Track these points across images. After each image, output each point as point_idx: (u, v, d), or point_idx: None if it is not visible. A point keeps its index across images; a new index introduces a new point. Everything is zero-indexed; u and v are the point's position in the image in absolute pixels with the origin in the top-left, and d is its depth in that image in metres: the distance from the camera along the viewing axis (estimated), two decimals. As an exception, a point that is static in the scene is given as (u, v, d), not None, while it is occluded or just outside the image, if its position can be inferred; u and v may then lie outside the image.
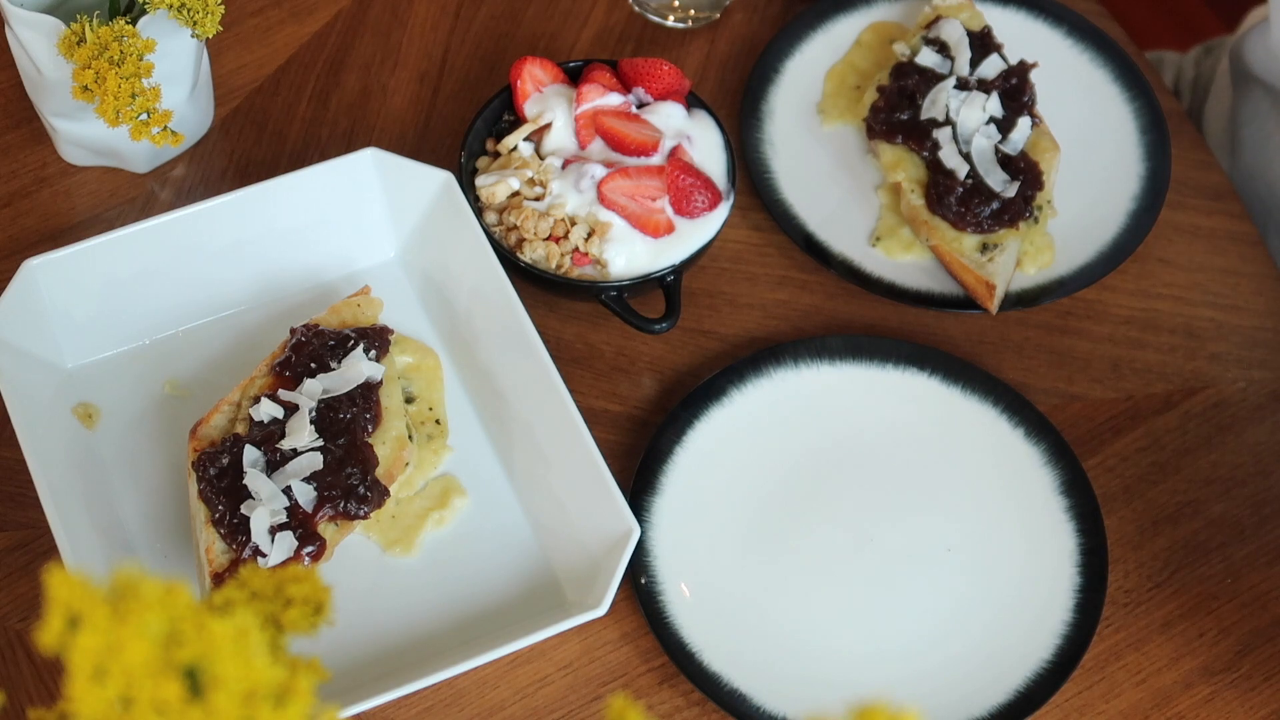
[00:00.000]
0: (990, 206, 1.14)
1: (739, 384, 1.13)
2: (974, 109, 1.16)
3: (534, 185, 1.14)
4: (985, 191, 1.14)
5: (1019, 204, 1.14)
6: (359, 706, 0.95)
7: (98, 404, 1.10)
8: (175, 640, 0.52)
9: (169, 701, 0.52)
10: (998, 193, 1.14)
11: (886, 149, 1.18)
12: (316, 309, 1.12)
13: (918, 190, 1.16)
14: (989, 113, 1.17)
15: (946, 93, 1.17)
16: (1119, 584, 1.09)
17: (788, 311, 1.19)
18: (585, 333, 1.17)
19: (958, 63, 1.19)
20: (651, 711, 1.03)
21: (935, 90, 1.18)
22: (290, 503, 0.98)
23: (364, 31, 1.30)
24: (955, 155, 1.15)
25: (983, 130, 1.16)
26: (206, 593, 0.99)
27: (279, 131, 1.25)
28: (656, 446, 1.10)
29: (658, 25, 1.31)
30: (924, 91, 1.18)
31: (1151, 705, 1.05)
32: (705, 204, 1.14)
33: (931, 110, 1.17)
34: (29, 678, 1.02)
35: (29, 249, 1.17)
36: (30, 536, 1.07)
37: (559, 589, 1.05)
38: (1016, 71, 1.19)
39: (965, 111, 1.16)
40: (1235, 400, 1.16)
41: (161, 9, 1.05)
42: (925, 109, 1.17)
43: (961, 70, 1.19)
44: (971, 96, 1.17)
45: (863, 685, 1.03)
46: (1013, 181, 1.15)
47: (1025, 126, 1.17)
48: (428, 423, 1.10)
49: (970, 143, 1.16)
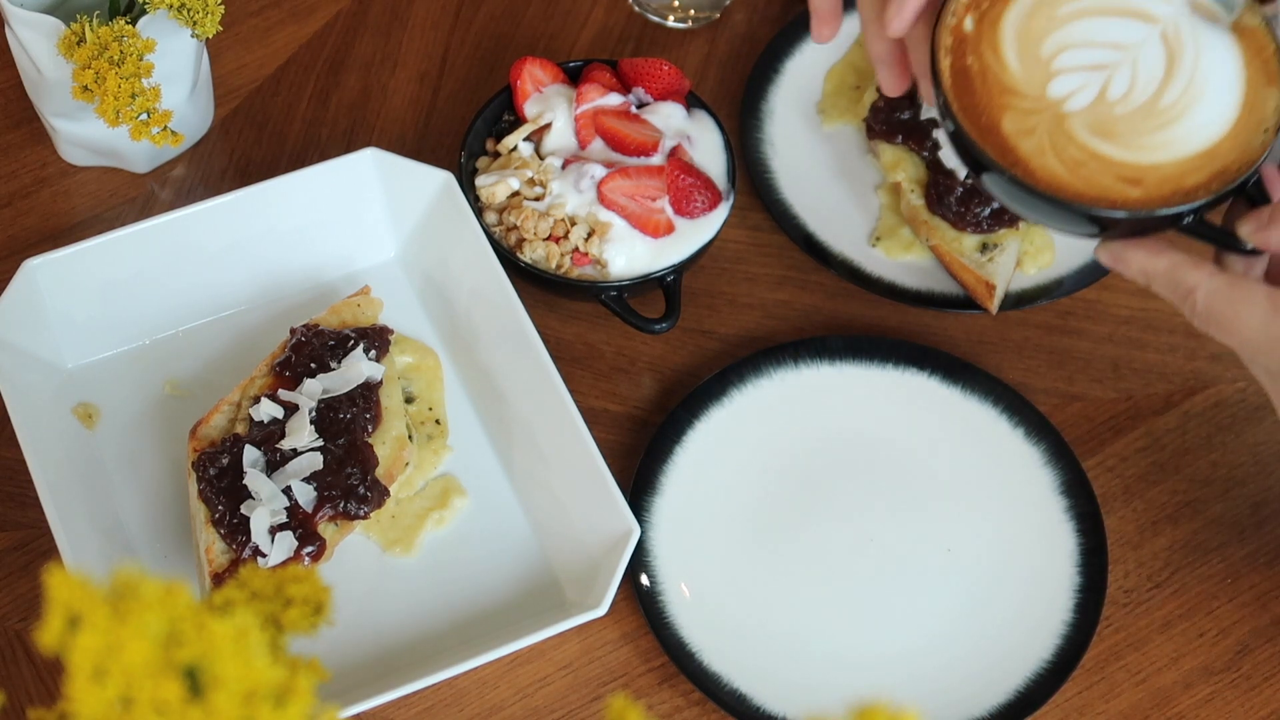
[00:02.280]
0: (990, 206, 1.14)
1: (739, 384, 1.13)
2: None
3: (534, 185, 1.14)
4: (985, 192, 1.14)
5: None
6: (359, 706, 0.95)
7: (98, 404, 1.10)
8: (175, 640, 0.52)
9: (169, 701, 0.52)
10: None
11: (886, 149, 1.18)
12: (316, 309, 1.12)
13: (918, 190, 1.16)
14: None
15: None
16: (1119, 584, 1.09)
17: (788, 311, 1.19)
18: (585, 333, 1.17)
19: None
20: (651, 711, 1.03)
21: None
22: (290, 503, 0.98)
23: (364, 31, 1.30)
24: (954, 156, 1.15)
25: None
26: (206, 593, 0.99)
27: (279, 131, 1.25)
28: (656, 446, 1.10)
29: (658, 25, 1.31)
30: None
31: (1151, 705, 1.05)
32: (705, 204, 1.14)
33: (931, 110, 1.17)
34: (29, 678, 1.02)
35: (29, 249, 1.17)
36: (30, 536, 1.07)
37: (559, 589, 1.05)
38: None
39: None
40: (1235, 400, 1.16)
41: (161, 9, 1.05)
42: (925, 109, 1.17)
43: None
44: None
45: (862, 685, 1.03)
46: None
47: None
48: (428, 423, 1.10)
49: None
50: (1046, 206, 0.87)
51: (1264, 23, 0.90)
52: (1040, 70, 0.89)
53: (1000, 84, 0.89)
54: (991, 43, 0.90)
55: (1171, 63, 0.89)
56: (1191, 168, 0.86)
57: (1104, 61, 0.89)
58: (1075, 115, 0.88)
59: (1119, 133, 0.87)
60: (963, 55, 0.90)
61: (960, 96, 0.89)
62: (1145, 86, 0.88)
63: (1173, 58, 0.89)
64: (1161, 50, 0.89)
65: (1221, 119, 0.87)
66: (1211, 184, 0.85)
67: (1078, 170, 0.86)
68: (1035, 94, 0.88)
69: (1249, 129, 0.87)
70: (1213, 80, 0.88)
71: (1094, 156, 0.87)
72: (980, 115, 0.89)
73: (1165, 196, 0.85)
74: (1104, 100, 0.88)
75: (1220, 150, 0.86)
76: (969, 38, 0.90)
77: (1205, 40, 0.89)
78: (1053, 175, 0.86)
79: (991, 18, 0.90)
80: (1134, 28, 0.90)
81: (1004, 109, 0.88)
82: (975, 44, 0.90)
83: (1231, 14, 0.90)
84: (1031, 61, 0.89)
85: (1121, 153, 0.87)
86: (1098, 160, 0.86)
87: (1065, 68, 0.89)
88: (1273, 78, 0.88)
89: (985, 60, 0.90)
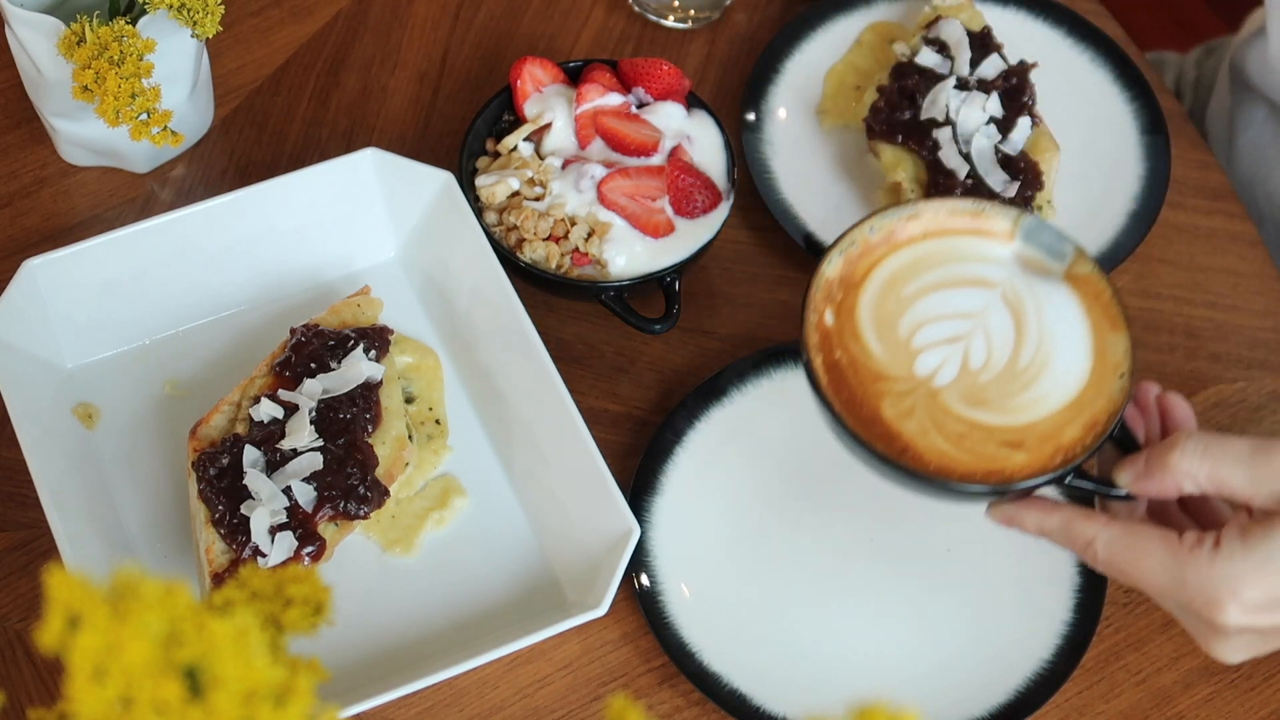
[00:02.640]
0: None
1: (739, 384, 1.13)
2: (974, 109, 1.16)
3: (534, 185, 1.14)
4: (985, 191, 1.14)
5: (1019, 204, 1.14)
6: (359, 706, 0.95)
7: (98, 404, 1.10)
8: (175, 640, 0.52)
9: (169, 701, 0.52)
10: (998, 193, 1.14)
11: (886, 149, 1.18)
12: (316, 309, 1.12)
13: (918, 190, 1.16)
14: (989, 113, 1.17)
15: (946, 93, 1.17)
16: (1119, 584, 1.09)
17: (788, 311, 1.19)
18: (585, 333, 1.17)
19: (958, 62, 1.19)
20: (651, 711, 1.03)
21: (935, 90, 1.17)
22: (290, 503, 0.98)
23: (364, 31, 1.30)
24: (955, 155, 1.15)
25: (983, 130, 1.16)
26: (206, 593, 0.99)
27: (279, 131, 1.25)
28: (656, 446, 1.10)
29: (658, 25, 1.31)
30: (924, 91, 1.18)
31: (1151, 705, 1.05)
32: (705, 204, 1.14)
33: (932, 110, 1.17)
34: (29, 678, 1.02)
35: (29, 249, 1.17)
36: (30, 536, 1.07)
37: (559, 589, 1.05)
38: (1016, 71, 1.19)
39: (965, 111, 1.16)
40: (1235, 400, 1.16)
41: (161, 9, 1.05)
42: (925, 109, 1.17)
43: (961, 70, 1.19)
44: (971, 96, 1.17)
45: (862, 685, 1.03)
46: (1013, 181, 1.15)
47: (1025, 126, 1.17)
48: (428, 423, 1.10)
49: (970, 143, 1.16)
50: (941, 490, 0.89)
51: (1095, 269, 0.94)
52: (904, 351, 0.92)
53: (871, 372, 0.92)
54: (853, 332, 0.93)
55: (1019, 323, 0.93)
56: (1064, 420, 0.90)
57: (958, 333, 0.93)
58: (946, 389, 0.91)
59: (990, 399, 0.91)
60: (830, 350, 0.93)
61: (838, 393, 0.91)
62: (1001, 351, 0.92)
63: (1018, 318, 0.93)
64: (1007, 313, 0.94)
65: (1079, 369, 0.92)
66: (1085, 437, 0.89)
67: (962, 443, 0.89)
68: (905, 374, 0.92)
69: (1105, 375, 0.91)
70: (1060, 333, 0.93)
71: (974, 427, 0.90)
72: (860, 407, 0.91)
73: (1049, 456, 0.89)
74: (968, 370, 0.91)
75: (1084, 400, 0.90)
76: (832, 332, 0.93)
77: (1043, 295, 0.94)
78: (940, 454, 0.89)
79: (847, 307, 0.94)
80: (975, 295, 0.94)
81: (880, 396, 0.91)
82: (839, 337, 0.93)
83: (1063, 264, 0.94)
84: (894, 344, 0.93)
85: (998, 418, 0.90)
86: (979, 430, 0.90)
87: (926, 344, 0.93)
88: (1115, 322, 0.93)
89: (852, 351, 0.93)
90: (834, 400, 0.91)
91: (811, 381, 0.92)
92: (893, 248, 0.96)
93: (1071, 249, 0.95)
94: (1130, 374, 0.91)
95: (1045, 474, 0.88)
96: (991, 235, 0.96)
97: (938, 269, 0.95)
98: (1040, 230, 0.95)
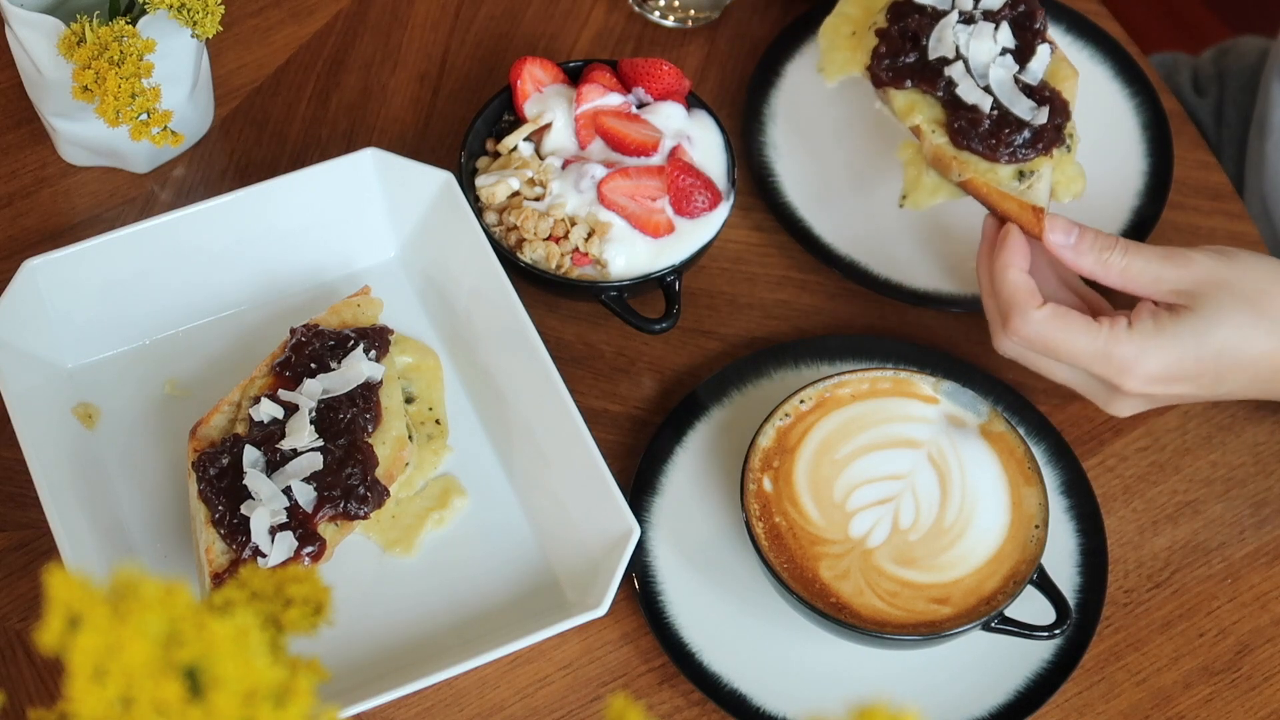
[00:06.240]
0: (1022, 135, 1.08)
1: (739, 384, 1.13)
2: (984, 41, 1.11)
3: (534, 185, 1.14)
4: (1014, 121, 1.09)
5: (1051, 131, 1.09)
6: (359, 706, 0.95)
7: (98, 404, 1.10)
8: (175, 640, 0.52)
9: (169, 701, 0.52)
10: (1028, 121, 1.09)
11: (897, 95, 1.12)
12: (316, 309, 1.12)
13: (939, 130, 1.10)
14: (1001, 43, 1.11)
15: (952, 28, 1.11)
16: (1119, 584, 1.09)
17: (788, 311, 1.19)
18: (585, 333, 1.17)
19: None
20: (651, 711, 1.03)
21: (939, 27, 1.12)
22: (290, 503, 0.98)
23: (364, 31, 1.30)
24: (975, 90, 1.10)
25: (999, 61, 1.11)
26: (206, 593, 0.99)
27: (279, 131, 1.25)
28: (656, 446, 1.10)
29: (658, 25, 1.31)
30: (927, 31, 1.12)
31: (1151, 705, 1.05)
32: (705, 204, 1.14)
33: (939, 49, 1.11)
34: (29, 678, 1.02)
35: (29, 249, 1.17)
36: (30, 536, 1.07)
37: (559, 589, 1.05)
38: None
39: (975, 45, 1.11)
40: (1235, 400, 1.16)
41: (161, 9, 1.05)
42: (932, 48, 1.11)
43: (964, 4, 1.13)
44: (979, 28, 1.11)
45: (862, 685, 1.03)
46: (1040, 107, 1.09)
47: (1044, 54, 1.12)
48: (428, 423, 1.10)
49: (987, 76, 1.10)
50: (876, 641, 0.98)
51: (1008, 427, 1.04)
52: (839, 514, 1.01)
53: (809, 535, 1.00)
54: (791, 498, 1.02)
55: (944, 482, 1.02)
56: (986, 574, 0.99)
57: (889, 494, 1.02)
58: (878, 550, 1.00)
59: (918, 558, 1.00)
60: (770, 515, 1.01)
61: (779, 556, 1.00)
62: (928, 511, 1.01)
63: (943, 478, 1.03)
64: (933, 472, 1.03)
65: (998, 525, 1.01)
66: (1006, 586, 0.99)
67: (894, 600, 0.98)
68: (840, 538, 1.00)
69: (1023, 529, 1.01)
70: (981, 490, 1.02)
71: (905, 585, 0.99)
72: (800, 570, 1.00)
73: (973, 607, 0.98)
74: (898, 530, 1.00)
75: (1004, 554, 1.00)
76: (771, 497, 1.02)
77: (965, 452, 1.03)
78: (875, 610, 0.98)
79: (785, 473, 1.02)
80: (904, 456, 1.03)
81: (818, 559, 1.00)
82: (778, 502, 1.02)
83: (979, 418, 1.04)
84: (829, 507, 1.01)
85: (925, 576, 0.99)
86: (909, 588, 0.99)
87: (859, 506, 1.01)
88: (1029, 477, 1.03)
89: (790, 516, 1.01)
90: (775, 564, 0.99)
91: (754, 546, 1.00)
92: (824, 412, 1.04)
93: (987, 409, 1.04)
94: (1045, 524, 1.00)
95: (971, 623, 0.97)
96: (915, 397, 1.05)
97: (868, 430, 1.04)
98: (958, 394, 1.05)
